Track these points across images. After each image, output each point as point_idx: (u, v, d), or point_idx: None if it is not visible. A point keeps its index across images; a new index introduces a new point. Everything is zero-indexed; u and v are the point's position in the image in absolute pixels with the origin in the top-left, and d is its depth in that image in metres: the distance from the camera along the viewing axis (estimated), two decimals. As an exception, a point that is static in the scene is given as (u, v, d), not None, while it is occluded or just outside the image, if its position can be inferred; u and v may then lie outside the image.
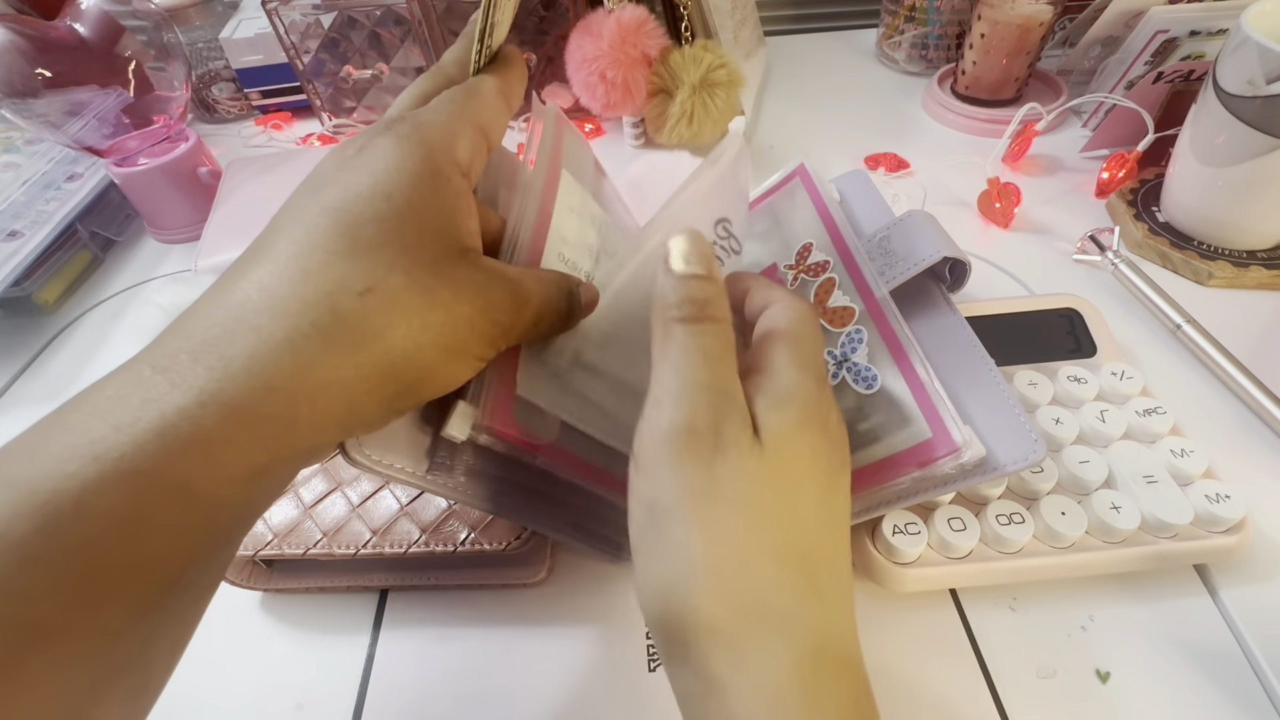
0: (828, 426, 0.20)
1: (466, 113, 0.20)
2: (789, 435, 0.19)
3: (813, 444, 0.20)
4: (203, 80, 0.66)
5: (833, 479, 0.20)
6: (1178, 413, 0.33)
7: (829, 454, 0.20)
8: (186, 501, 0.16)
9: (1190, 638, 0.28)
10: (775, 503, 0.19)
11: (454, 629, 0.31)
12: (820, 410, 0.20)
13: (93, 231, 0.52)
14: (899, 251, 0.29)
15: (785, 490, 0.19)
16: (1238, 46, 0.38)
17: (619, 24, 0.50)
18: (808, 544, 0.19)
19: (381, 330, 0.17)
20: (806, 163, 0.36)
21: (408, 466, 0.23)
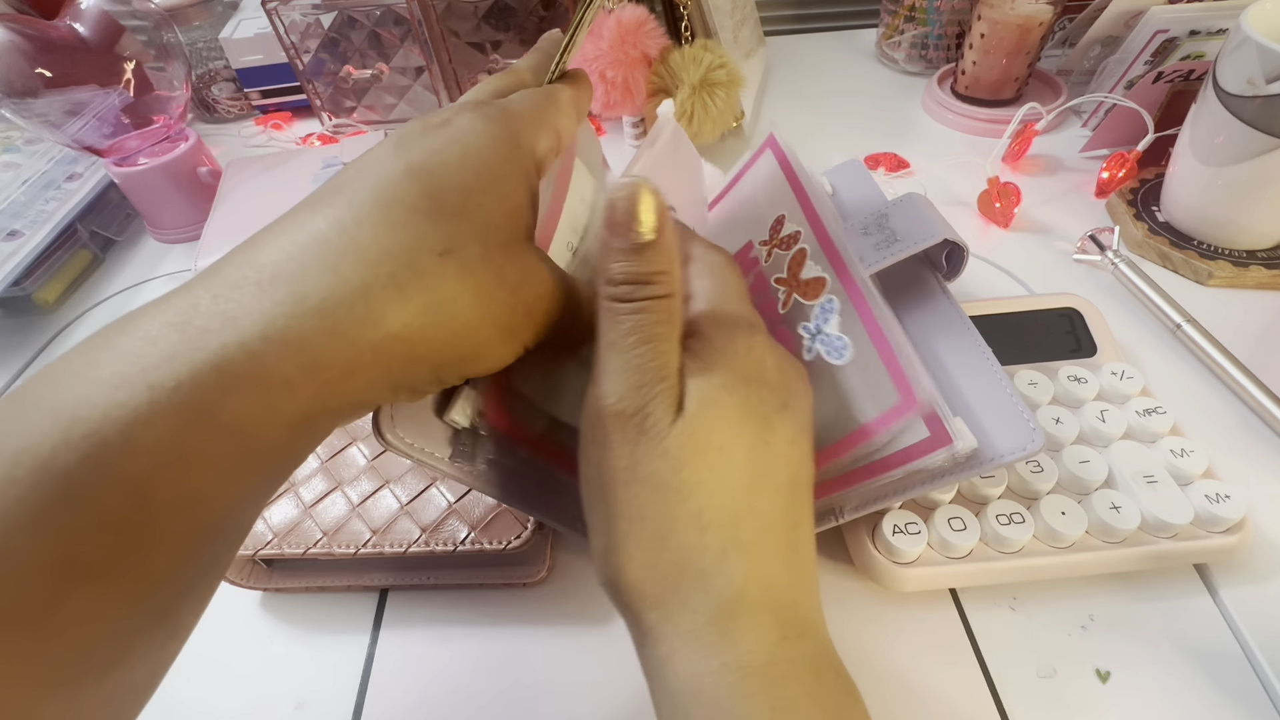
0: (761, 374, 0.20)
1: (547, 112, 0.21)
2: (711, 399, 0.19)
3: (740, 400, 0.19)
4: (203, 80, 0.66)
5: (767, 426, 0.20)
6: (1178, 413, 0.33)
7: (761, 402, 0.20)
8: (239, 441, 0.15)
9: (1190, 638, 0.28)
10: (695, 472, 0.19)
11: (454, 628, 0.31)
12: (749, 361, 0.20)
13: (93, 231, 0.52)
14: (898, 230, 0.28)
15: (707, 456, 0.19)
16: (1237, 46, 0.38)
17: (619, 24, 0.50)
18: (733, 504, 0.19)
19: (454, 296, 0.17)
20: (776, 132, 0.36)
21: (435, 451, 0.24)
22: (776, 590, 0.19)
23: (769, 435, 0.20)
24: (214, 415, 0.15)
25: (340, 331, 0.16)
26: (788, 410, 0.20)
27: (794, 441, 0.20)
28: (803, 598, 0.20)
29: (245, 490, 0.16)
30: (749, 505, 0.19)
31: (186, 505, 0.15)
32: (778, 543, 0.20)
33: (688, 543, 0.19)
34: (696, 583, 0.19)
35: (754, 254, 0.32)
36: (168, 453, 0.14)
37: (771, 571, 0.19)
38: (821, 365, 0.27)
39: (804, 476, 0.21)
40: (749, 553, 0.19)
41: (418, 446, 0.23)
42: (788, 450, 0.20)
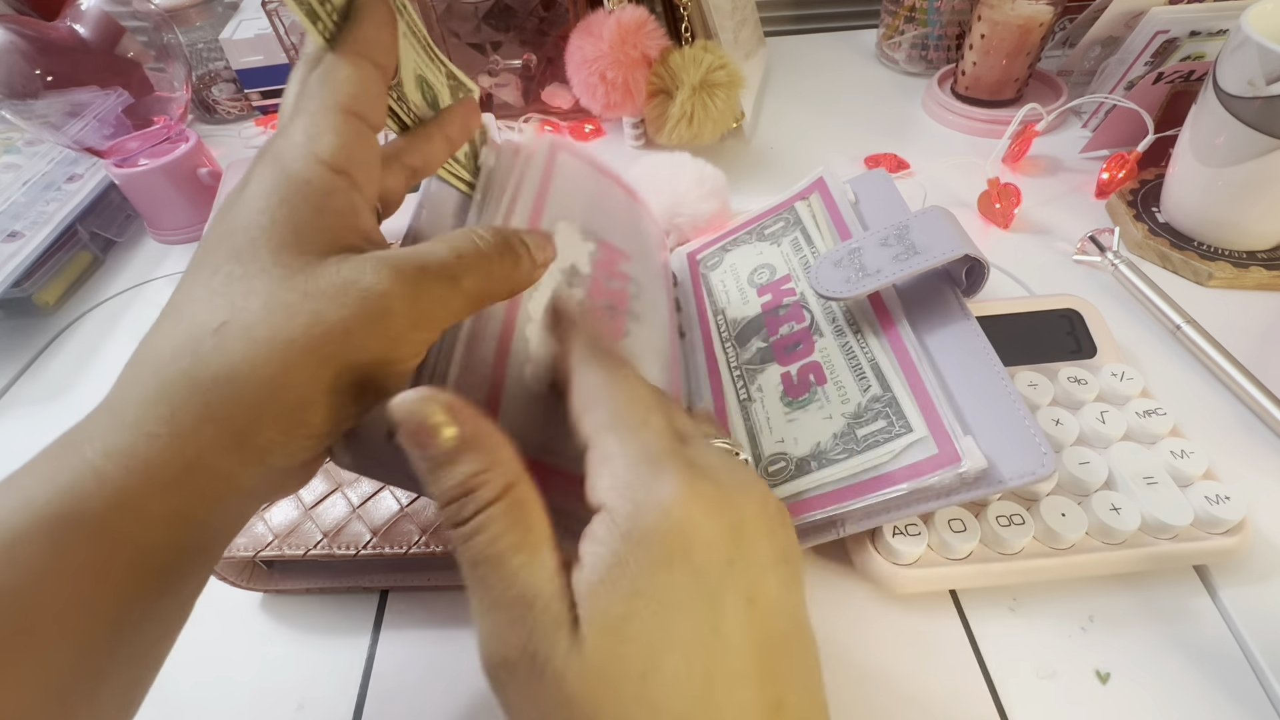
0: (686, 542, 0.16)
1: (322, 106, 0.19)
2: (616, 618, 0.16)
3: (661, 596, 0.16)
4: (203, 81, 0.66)
5: (710, 605, 0.16)
6: (1178, 414, 0.33)
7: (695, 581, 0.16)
8: (108, 544, 0.16)
9: (1190, 638, 0.28)
10: (613, 701, 0.16)
11: (454, 629, 0.31)
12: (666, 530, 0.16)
13: (93, 232, 0.52)
14: (918, 243, 0.29)
15: (626, 689, 0.16)
16: (1238, 47, 0.38)
17: (619, 25, 0.50)
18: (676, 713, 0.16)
19: (242, 360, 0.16)
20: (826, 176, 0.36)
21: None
22: None
23: (715, 617, 0.16)
24: (79, 524, 0.16)
25: (153, 433, 0.16)
26: (734, 566, 0.17)
27: (751, 600, 0.17)
28: None
29: (135, 588, 0.17)
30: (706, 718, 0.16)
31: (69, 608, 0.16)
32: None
33: None
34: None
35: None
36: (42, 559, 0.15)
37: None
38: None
39: (778, 631, 0.17)
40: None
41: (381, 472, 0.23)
42: (745, 620, 0.17)
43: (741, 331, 0.34)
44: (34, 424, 0.42)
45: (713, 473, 0.18)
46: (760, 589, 0.17)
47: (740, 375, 0.33)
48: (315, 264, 0.17)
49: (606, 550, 0.17)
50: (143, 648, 0.18)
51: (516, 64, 0.60)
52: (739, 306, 0.35)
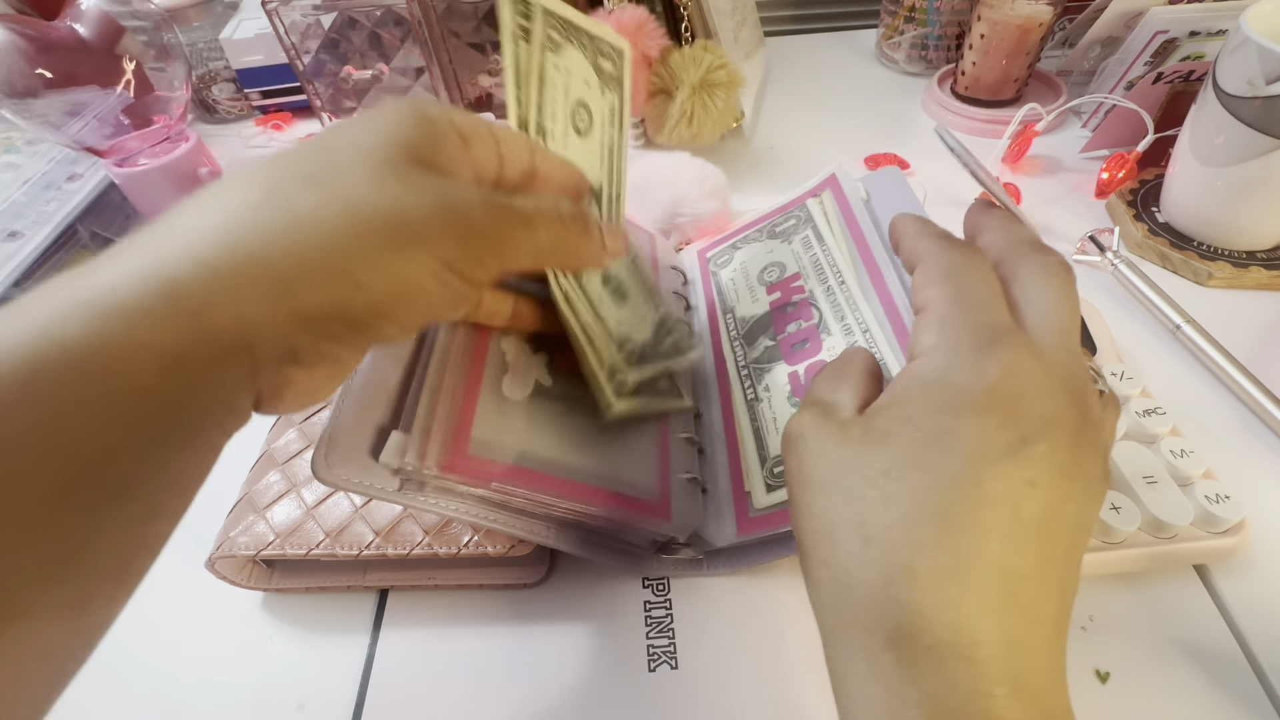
0: (986, 402, 0.18)
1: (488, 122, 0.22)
2: (900, 418, 0.19)
3: (930, 431, 0.18)
4: (203, 80, 0.66)
5: (982, 461, 0.17)
6: (1177, 413, 0.33)
7: (977, 435, 0.18)
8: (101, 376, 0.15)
9: (1190, 638, 0.28)
10: (854, 485, 0.19)
11: (454, 629, 0.31)
12: (967, 388, 0.18)
13: (93, 232, 0.52)
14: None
15: (867, 475, 0.19)
16: (1237, 47, 0.38)
17: (619, 25, 0.50)
18: (909, 530, 0.17)
19: (319, 212, 0.17)
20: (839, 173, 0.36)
21: (383, 485, 0.24)
22: (979, 642, 0.17)
23: (984, 471, 0.17)
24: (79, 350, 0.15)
25: (198, 257, 0.16)
26: (1030, 446, 0.17)
27: (1033, 483, 0.17)
28: (1030, 668, 0.17)
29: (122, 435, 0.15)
30: (935, 537, 0.17)
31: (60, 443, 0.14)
32: (987, 589, 0.17)
33: (852, 549, 0.18)
34: (863, 595, 0.18)
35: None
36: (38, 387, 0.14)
37: (972, 619, 0.17)
38: None
39: (1057, 526, 0.18)
40: (929, 587, 0.17)
41: (357, 481, 0.23)
42: (1019, 491, 0.17)
43: (750, 330, 0.34)
44: (34, 424, 0.42)
45: (1049, 364, 0.19)
46: (1041, 482, 0.18)
47: (748, 374, 0.33)
48: (418, 169, 0.19)
49: (897, 379, 0.20)
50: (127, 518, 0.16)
51: (516, 64, 0.60)
52: (748, 305, 0.35)
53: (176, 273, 0.16)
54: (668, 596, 0.31)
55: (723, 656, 0.29)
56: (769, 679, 0.28)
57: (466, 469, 0.24)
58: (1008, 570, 0.17)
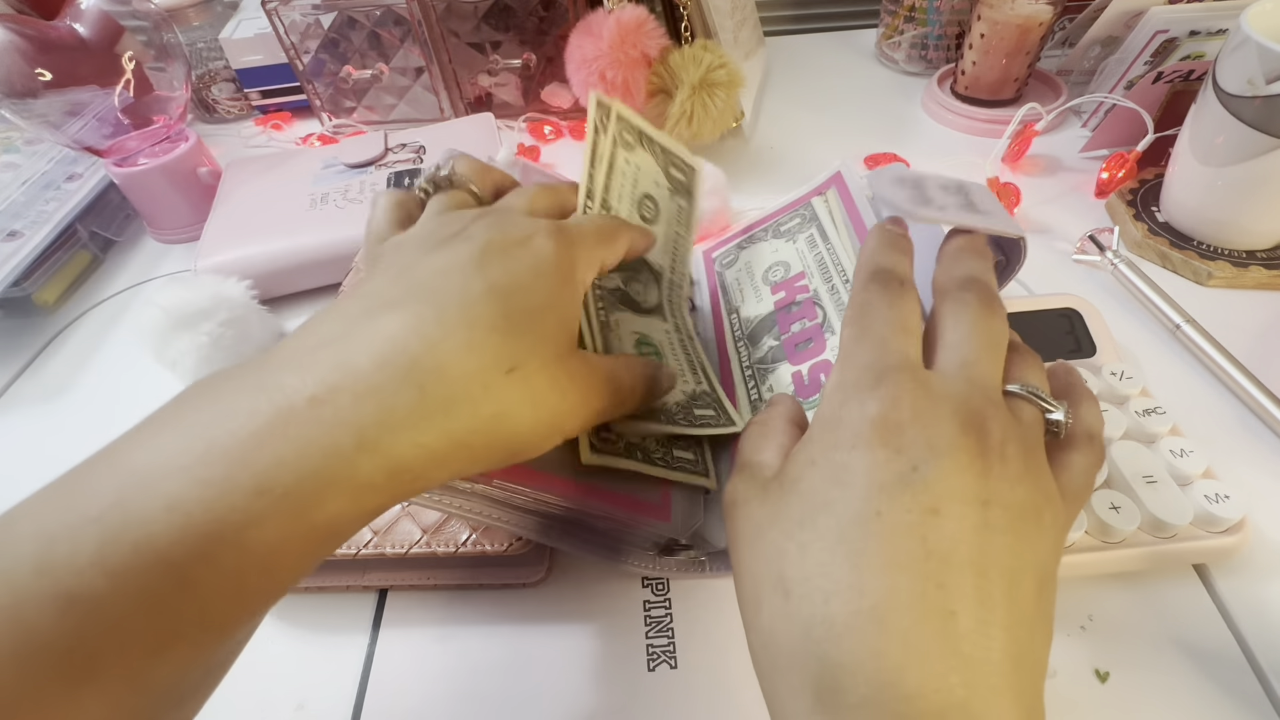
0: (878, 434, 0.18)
1: (600, 248, 0.24)
2: (805, 462, 0.20)
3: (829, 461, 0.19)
4: (203, 80, 0.66)
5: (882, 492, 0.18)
6: (1177, 413, 0.33)
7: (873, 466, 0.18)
8: (329, 537, 0.17)
9: (1190, 638, 0.28)
10: (779, 535, 0.19)
11: (454, 629, 0.31)
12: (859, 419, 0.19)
13: (92, 232, 0.52)
14: (979, 205, 0.27)
15: (784, 526, 0.19)
16: (1237, 46, 0.38)
17: (619, 24, 0.50)
18: (823, 577, 0.17)
19: (513, 406, 0.19)
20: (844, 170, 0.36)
21: None
22: (909, 696, 0.15)
23: (881, 503, 0.17)
24: (311, 518, 0.16)
25: (421, 443, 0.17)
26: (920, 474, 0.18)
27: (935, 510, 0.17)
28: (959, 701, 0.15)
29: (312, 568, 0.18)
30: (847, 580, 0.17)
31: (271, 591, 0.17)
32: (908, 630, 0.16)
33: (774, 607, 0.18)
34: (787, 654, 0.17)
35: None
36: (269, 550, 0.16)
37: (896, 669, 0.16)
38: None
39: (984, 558, 0.17)
40: (847, 635, 0.16)
41: None
42: (922, 521, 0.17)
43: (754, 330, 0.34)
44: (34, 423, 0.42)
45: (939, 395, 0.19)
46: (941, 507, 0.17)
47: (752, 375, 0.33)
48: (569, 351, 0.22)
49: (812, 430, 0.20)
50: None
51: (516, 64, 0.60)
52: (753, 305, 0.35)
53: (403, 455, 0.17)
54: (667, 596, 0.31)
55: (723, 656, 0.29)
56: (768, 679, 0.28)
57: None
58: (928, 608, 0.16)
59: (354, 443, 0.16)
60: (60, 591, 0.14)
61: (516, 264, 0.20)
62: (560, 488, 0.26)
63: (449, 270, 0.20)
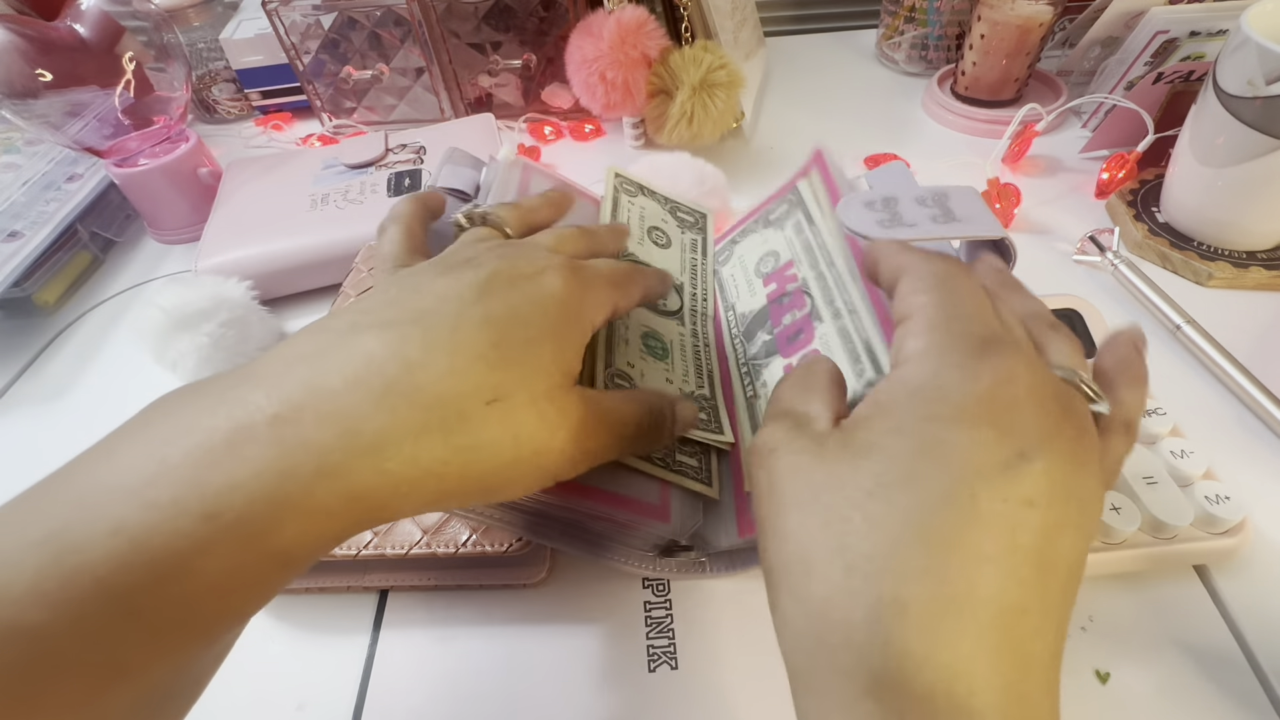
0: (983, 411, 0.16)
1: (614, 291, 0.23)
2: (888, 429, 0.17)
3: (924, 440, 0.16)
4: (203, 81, 0.66)
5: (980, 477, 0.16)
6: (1178, 413, 0.33)
7: (972, 446, 0.16)
8: (283, 565, 0.16)
9: (1190, 638, 0.28)
10: (837, 503, 0.17)
11: (454, 629, 0.31)
12: (961, 394, 0.17)
13: (93, 232, 0.52)
14: (957, 212, 0.27)
15: (848, 492, 0.17)
16: (1237, 47, 0.38)
17: (619, 25, 0.50)
18: (896, 555, 0.16)
19: (492, 440, 0.18)
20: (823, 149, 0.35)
21: None
22: (975, 690, 0.15)
23: (979, 488, 0.16)
24: (264, 545, 0.16)
25: (386, 470, 0.17)
26: (1027, 462, 0.16)
27: (1031, 503, 0.16)
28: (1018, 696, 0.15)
29: (273, 594, 0.17)
30: (926, 564, 0.15)
31: (229, 615, 0.16)
32: (983, 625, 0.15)
33: (831, 579, 0.16)
34: (843, 633, 0.16)
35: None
36: (219, 578, 0.15)
37: (967, 662, 0.15)
38: None
39: (1055, 554, 0.16)
40: (920, 623, 0.15)
41: None
42: (1016, 512, 0.16)
43: (749, 326, 0.34)
44: (34, 424, 0.42)
45: (1044, 380, 0.17)
46: (1040, 502, 0.16)
47: (748, 371, 0.33)
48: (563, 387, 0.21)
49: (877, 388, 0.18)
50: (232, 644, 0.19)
51: (516, 64, 0.60)
52: (747, 299, 0.35)
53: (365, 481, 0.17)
54: (668, 597, 0.31)
55: (723, 657, 0.29)
56: (769, 679, 0.28)
57: None
58: (1005, 604, 0.15)
59: (314, 467, 0.16)
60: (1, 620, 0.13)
61: (519, 296, 0.20)
62: (560, 488, 0.26)
63: (448, 295, 0.19)
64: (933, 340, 0.18)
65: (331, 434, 0.16)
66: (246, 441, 0.16)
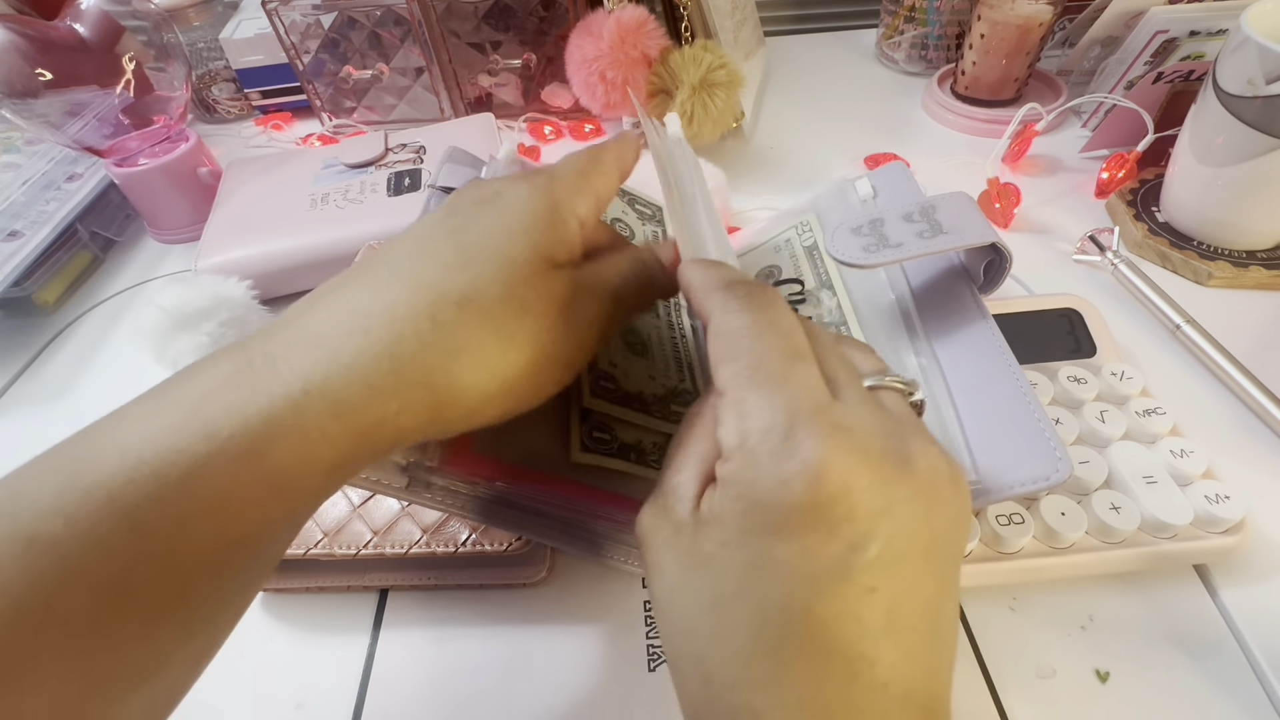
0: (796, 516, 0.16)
1: (585, 177, 0.22)
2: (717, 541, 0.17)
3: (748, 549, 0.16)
4: (203, 80, 0.66)
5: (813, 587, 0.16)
6: (1177, 413, 0.33)
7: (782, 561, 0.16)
8: (280, 487, 0.17)
9: (1190, 638, 0.28)
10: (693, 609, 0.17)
11: (454, 629, 0.31)
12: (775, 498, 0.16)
13: (93, 232, 0.52)
14: (945, 224, 0.27)
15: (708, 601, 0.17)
16: (1237, 47, 0.38)
17: (619, 24, 0.50)
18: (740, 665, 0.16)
19: (476, 341, 0.18)
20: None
21: (387, 480, 0.24)
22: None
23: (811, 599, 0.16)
24: (259, 465, 0.16)
25: (370, 383, 0.17)
26: (861, 553, 0.16)
27: (873, 589, 0.16)
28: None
29: (280, 528, 0.18)
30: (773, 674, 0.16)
31: (230, 542, 0.17)
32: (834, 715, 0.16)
33: (695, 689, 0.17)
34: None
35: None
36: (218, 495, 0.16)
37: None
38: None
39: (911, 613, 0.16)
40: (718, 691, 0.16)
41: (368, 478, 0.24)
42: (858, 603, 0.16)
43: None
44: (34, 423, 0.42)
45: (862, 438, 0.16)
46: (883, 581, 0.16)
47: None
48: (545, 272, 0.20)
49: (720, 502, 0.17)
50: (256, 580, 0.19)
51: (516, 64, 0.60)
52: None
53: (353, 397, 0.17)
54: (667, 596, 0.31)
55: (722, 656, 0.29)
56: (768, 679, 0.28)
57: (471, 465, 0.24)
58: (859, 688, 0.15)
59: (300, 387, 0.17)
60: (19, 532, 0.14)
61: (484, 207, 0.20)
62: (559, 488, 0.26)
63: (417, 230, 0.20)
64: (743, 434, 0.17)
65: (314, 358, 0.17)
66: (243, 375, 0.17)
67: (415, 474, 0.24)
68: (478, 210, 0.20)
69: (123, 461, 0.15)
